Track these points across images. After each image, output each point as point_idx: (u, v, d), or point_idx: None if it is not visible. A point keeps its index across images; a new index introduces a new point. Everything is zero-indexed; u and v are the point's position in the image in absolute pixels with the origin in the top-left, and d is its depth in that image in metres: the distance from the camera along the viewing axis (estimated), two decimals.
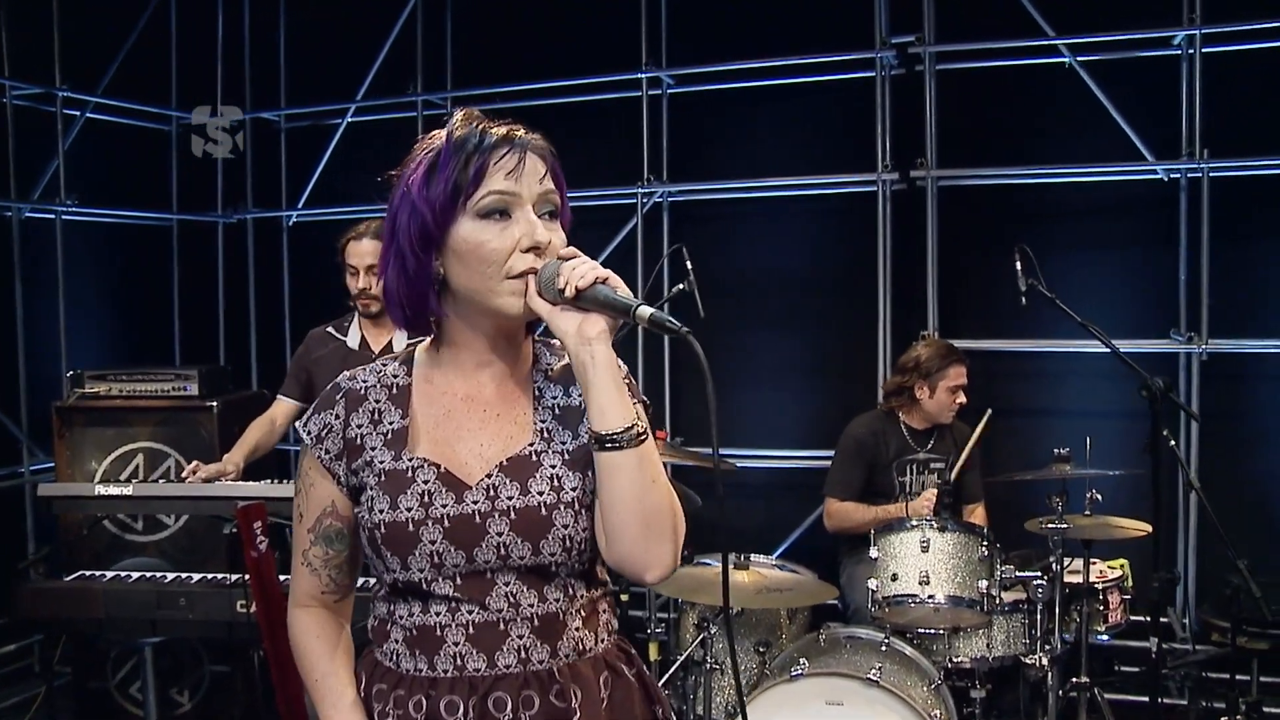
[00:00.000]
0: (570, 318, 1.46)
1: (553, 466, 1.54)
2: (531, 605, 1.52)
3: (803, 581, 3.61)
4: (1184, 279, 4.70)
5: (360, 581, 1.71)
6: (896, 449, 4.22)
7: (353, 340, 3.74)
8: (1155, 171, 4.75)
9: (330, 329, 3.82)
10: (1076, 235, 4.89)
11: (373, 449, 1.56)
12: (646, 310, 1.41)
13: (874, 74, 4.92)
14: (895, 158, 4.89)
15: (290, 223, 5.96)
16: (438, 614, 1.52)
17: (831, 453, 4.83)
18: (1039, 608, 3.46)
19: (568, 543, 1.51)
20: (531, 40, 5.39)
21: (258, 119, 5.95)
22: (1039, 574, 3.48)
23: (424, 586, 1.52)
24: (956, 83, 4.90)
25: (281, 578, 3.05)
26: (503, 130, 1.51)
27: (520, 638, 1.52)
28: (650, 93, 5.18)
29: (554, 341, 1.59)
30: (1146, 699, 4.27)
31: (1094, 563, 3.66)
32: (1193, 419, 3.83)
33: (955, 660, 3.52)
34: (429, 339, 1.62)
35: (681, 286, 4.20)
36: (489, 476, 1.53)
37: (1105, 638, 3.77)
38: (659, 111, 5.23)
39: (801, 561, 3.99)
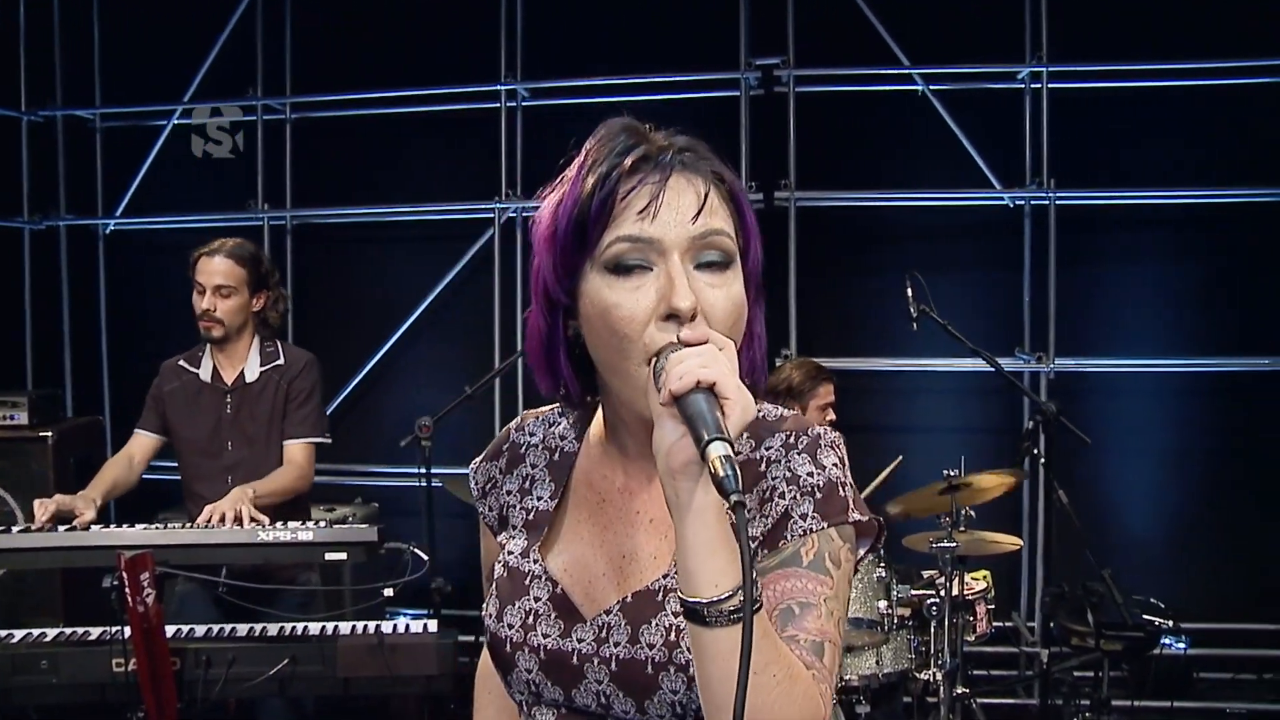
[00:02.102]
0: (667, 433, 1.01)
1: (676, 615, 1.15)
2: None
3: None
4: (1028, 300, 4.92)
5: None
6: None
7: (205, 373, 3.46)
8: (1002, 198, 4.94)
9: (182, 361, 3.51)
10: (928, 257, 5.00)
11: (512, 527, 1.32)
12: (720, 450, 0.96)
13: (737, 94, 4.93)
14: (758, 178, 4.91)
15: (107, 231, 5.51)
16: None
17: None
18: (932, 624, 3.48)
19: (679, 709, 1.15)
20: (381, 47, 5.17)
21: (71, 117, 5.48)
22: (932, 591, 3.52)
23: (525, 709, 1.27)
24: (818, 106, 4.97)
25: (169, 629, 2.82)
26: (643, 147, 1.13)
27: None
28: (508, 105, 5.02)
29: (768, 413, 1.25)
30: (1010, 702, 4.76)
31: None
32: (1084, 441, 4.00)
33: (844, 678, 3.50)
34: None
35: None
36: (607, 614, 1.20)
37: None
38: (515, 125, 5.09)
39: None
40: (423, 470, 4.07)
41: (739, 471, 0.95)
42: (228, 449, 3.41)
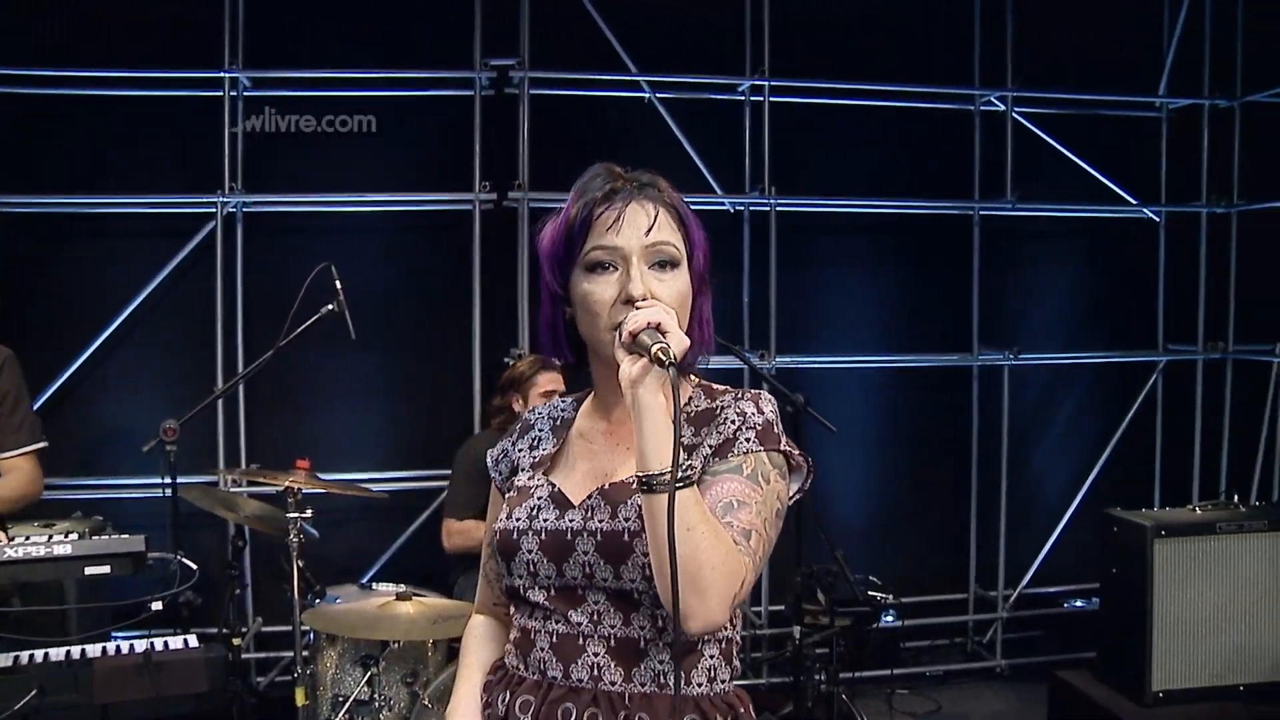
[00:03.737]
0: (628, 362, 1.48)
1: None
2: (613, 627, 1.56)
3: (466, 607, 3.51)
4: (747, 302, 5.18)
5: None
6: None
7: None
8: (724, 204, 5.18)
9: None
10: None
11: (523, 469, 1.73)
12: (655, 349, 1.43)
13: (471, 94, 4.92)
14: (491, 178, 4.92)
15: None
16: (534, 619, 1.62)
17: (423, 473, 4.91)
18: None
19: (648, 571, 1.51)
20: (98, 27, 4.72)
21: None
22: None
23: (522, 592, 1.62)
24: (550, 109, 5.02)
25: None
26: (614, 183, 1.58)
27: (595, 655, 1.56)
28: (230, 94, 4.79)
29: (717, 386, 1.68)
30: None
31: None
32: (829, 430, 4.23)
33: None
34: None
35: (330, 307, 4.00)
36: (589, 498, 1.60)
37: None
38: (238, 115, 4.84)
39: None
40: (167, 479, 3.88)
41: (676, 360, 1.41)
42: None
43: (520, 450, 1.76)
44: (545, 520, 1.61)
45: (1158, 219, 5.73)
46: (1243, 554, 3.90)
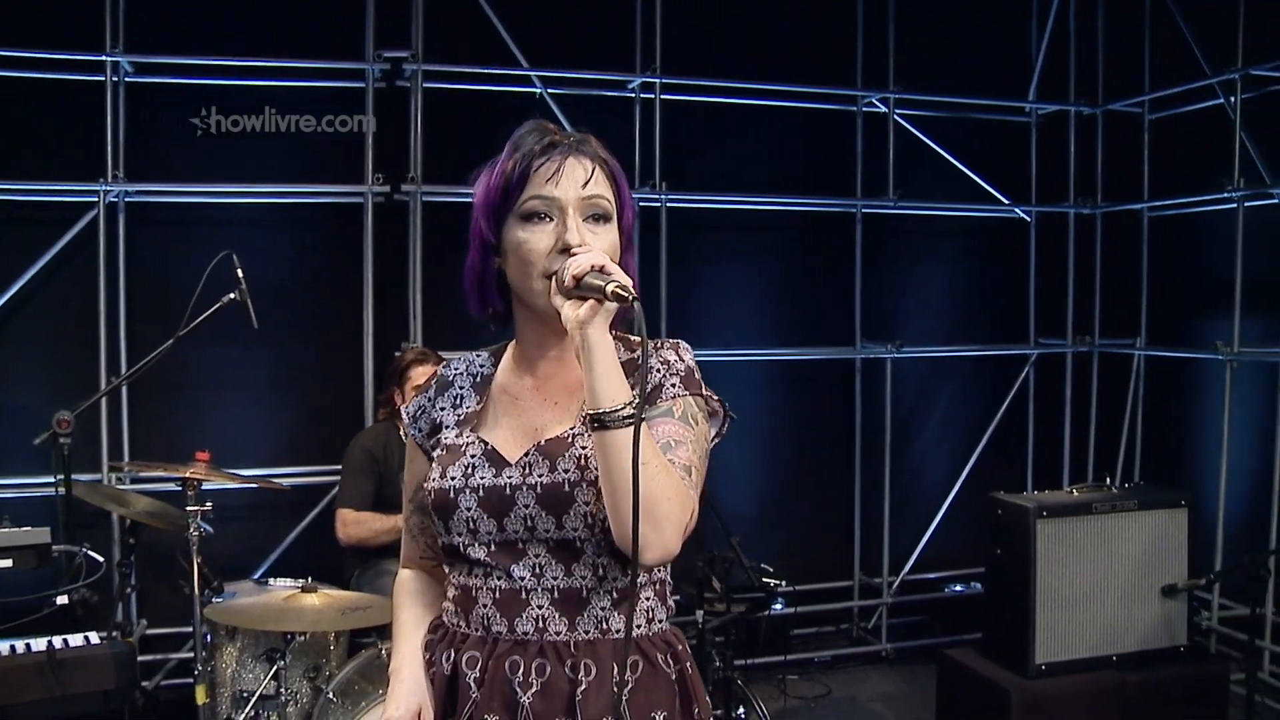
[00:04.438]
0: (570, 306, 1.51)
1: (584, 448, 1.60)
2: (556, 579, 1.60)
3: (373, 599, 3.53)
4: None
5: None
6: (399, 459, 4.22)
7: None
8: None
9: None
10: None
11: (447, 427, 1.74)
12: (611, 288, 1.47)
13: (363, 85, 4.89)
14: (384, 170, 4.89)
15: None
16: (474, 576, 1.64)
17: (315, 468, 4.89)
18: None
19: (589, 519, 1.57)
20: None
21: None
22: None
23: (462, 550, 1.64)
24: (444, 102, 5.01)
25: None
26: (552, 136, 1.62)
27: (540, 608, 1.60)
28: (112, 79, 4.66)
29: (633, 337, 1.73)
30: None
31: None
32: (732, 418, 4.31)
33: None
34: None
35: (232, 296, 3.93)
36: (526, 455, 1.63)
37: None
38: (119, 102, 4.71)
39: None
40: (60, 477, 3.70)
41: (634, 294, 1.46)
42: None
43: (442, 408, 1.77)
44: (482, 478, 1.63)
45: (1028, 219, 6.00)
46: (1116, 532, 4.11)
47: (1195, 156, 5.59)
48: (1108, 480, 4.69)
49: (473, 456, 1.66)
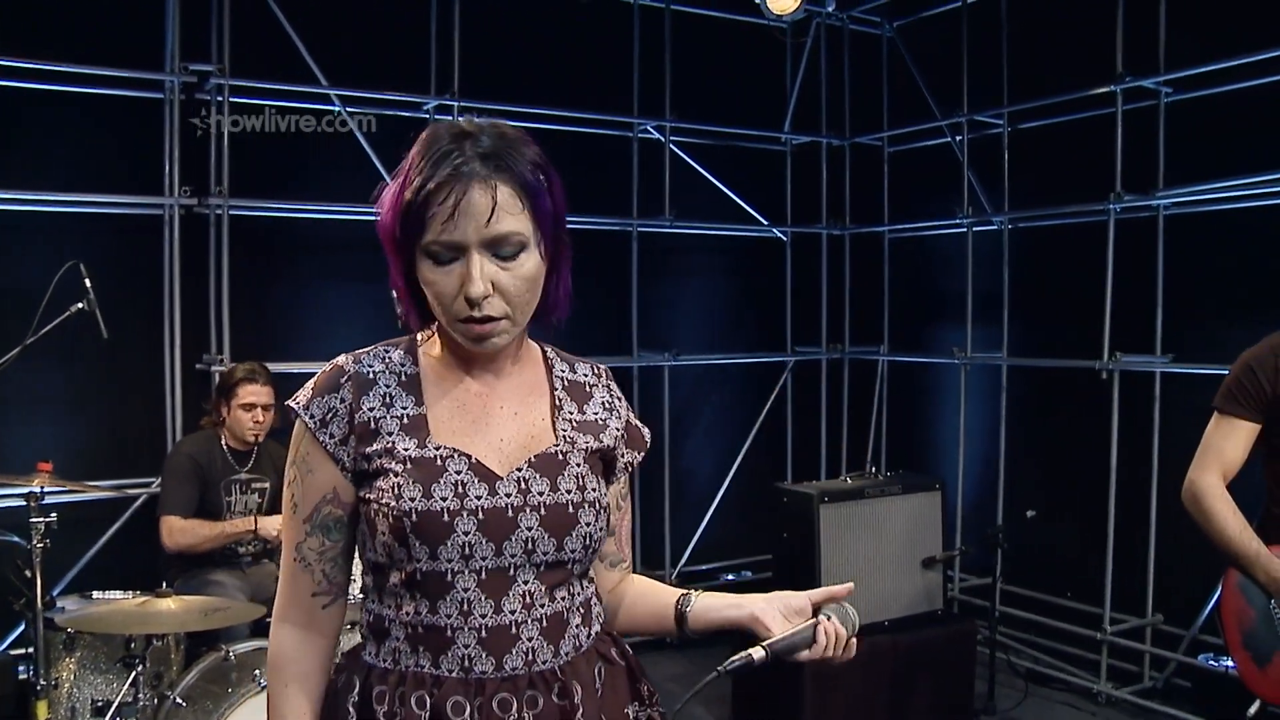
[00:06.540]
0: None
1: (578, 466, 1.58)
2: (542, 606, 1.53)
3: (227, 602, 3.57)
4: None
5: None
6: (221, 468, 4.27)
7: None
8: None
9: None
10: (340, 266, 5.37)
11: (389, 434, 1.52)
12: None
13: (162, 97, 4.86)
14: (191, 183, 4.88)
15: None
16: (449, 616, 1.49)
17: (117, 482, 4.80)
18: None
19: (587, 540, 1.56)
20: None
21: None
22: None
23: (449, 578, 1.49)
24: (250, 115, 5.01)
25: None
26: (454, 160, 1.43)
27: (529, 640, 1.52)
28: None
29: (564, 354, 1.72)
30: None
31: None
32: None
33: None
34: (432, 331, 1.60)
35: (80, 305, 3.83)
36: (519, 470, 1.53)
37: None
38: None
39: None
40: None
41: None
42: None
43: (370, 410, 1.53)
44: (478, 498, 1.49)
45: (785, 238, 6.64)
46: (885, 513, 4.69)
47: (927, 186, 6.41)
48: (872, 469, 5.31)
49: (458, 472, 1.50)
